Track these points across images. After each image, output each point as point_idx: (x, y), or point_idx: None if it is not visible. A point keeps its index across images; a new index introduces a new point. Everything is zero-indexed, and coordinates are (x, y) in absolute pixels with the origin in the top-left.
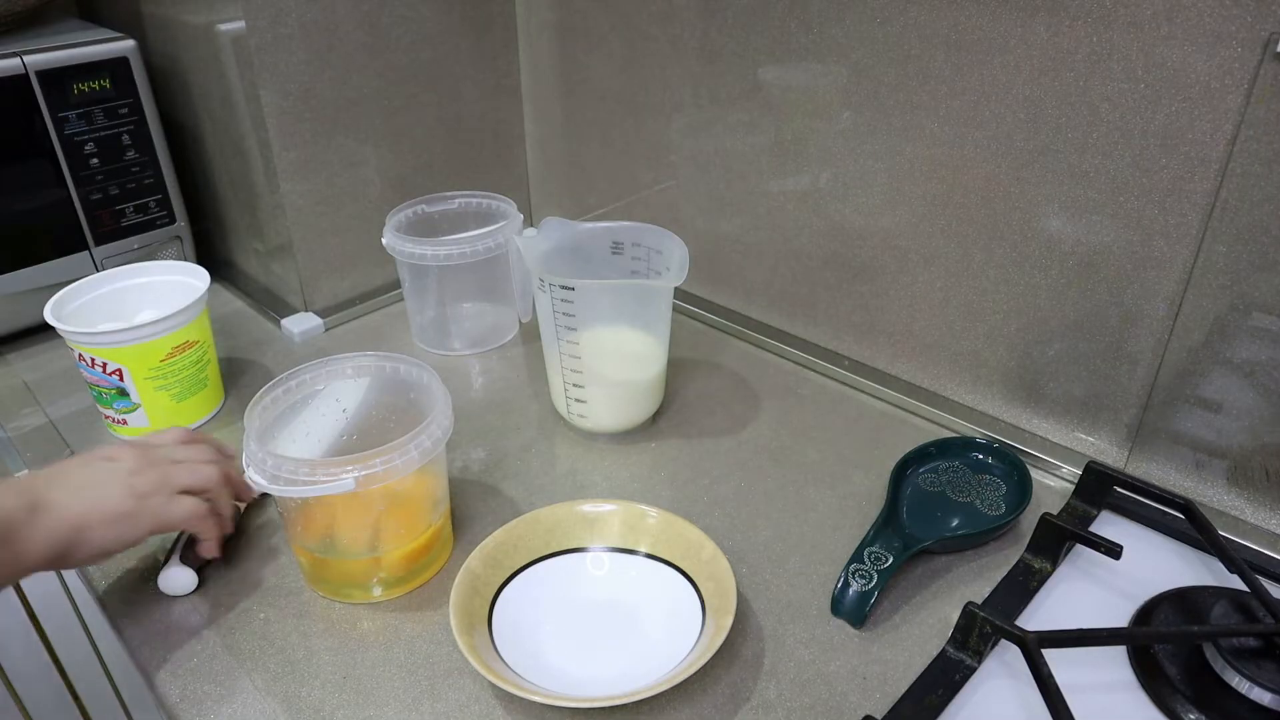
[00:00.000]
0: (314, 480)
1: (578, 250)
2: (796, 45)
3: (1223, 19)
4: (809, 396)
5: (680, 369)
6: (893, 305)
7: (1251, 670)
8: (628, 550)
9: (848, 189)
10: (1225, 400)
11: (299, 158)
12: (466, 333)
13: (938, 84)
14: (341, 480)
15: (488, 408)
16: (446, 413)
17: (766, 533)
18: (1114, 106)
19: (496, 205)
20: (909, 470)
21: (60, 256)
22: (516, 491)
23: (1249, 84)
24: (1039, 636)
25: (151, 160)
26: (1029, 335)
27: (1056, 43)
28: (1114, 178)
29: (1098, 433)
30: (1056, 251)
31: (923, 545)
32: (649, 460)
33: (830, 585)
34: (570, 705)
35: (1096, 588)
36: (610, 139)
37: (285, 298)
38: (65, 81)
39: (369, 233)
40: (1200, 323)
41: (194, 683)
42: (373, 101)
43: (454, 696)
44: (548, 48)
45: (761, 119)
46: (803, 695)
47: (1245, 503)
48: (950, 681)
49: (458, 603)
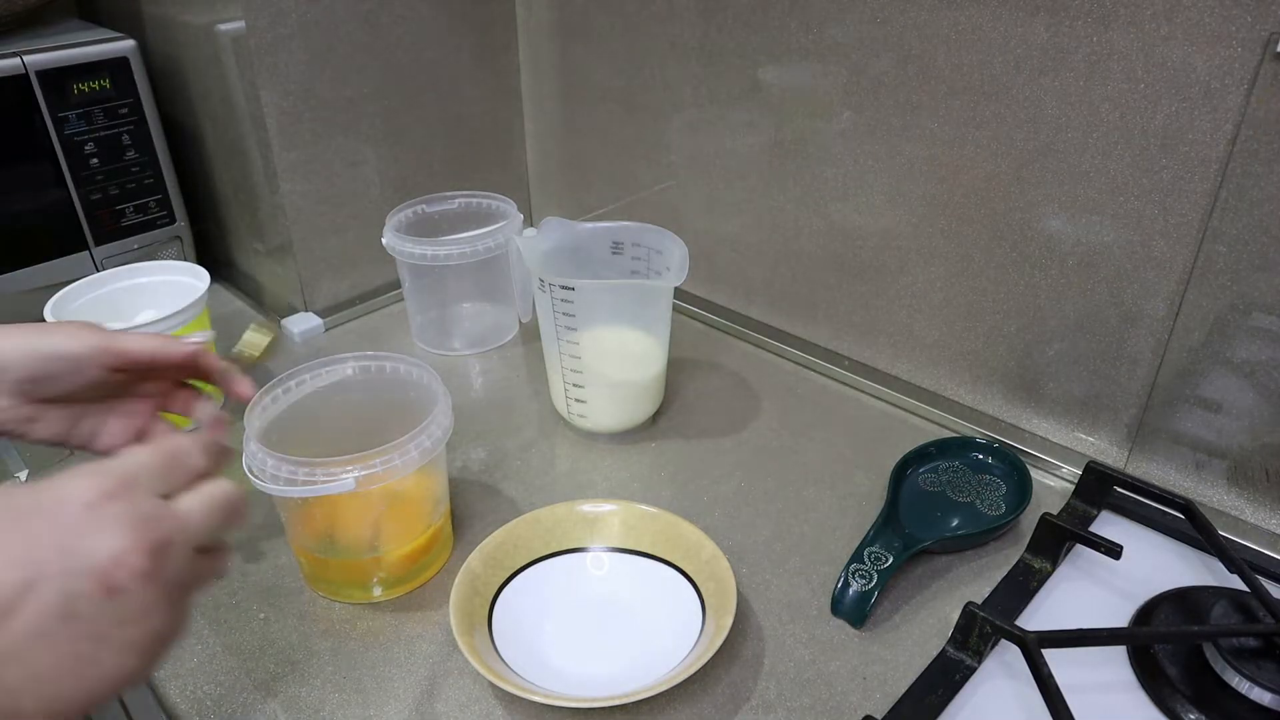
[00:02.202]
0: (314, 480)
1: (578, 250)
2: (796, 45)
3: (1223, 19)
4: (809, 396)
5: (680, 369)
6: (893, 305)
7: (1251, 670)
8: (628, 550)
9: (848, 189)
10: (1225, 400)
11: (299, 158)
12: (466, 333)
13: (938, 84)
14: (341, 480)
15: (488, 408)
16: (446, 412)
17: (766, 533)
18: (1114, 106)
19: (496, 205)
20: (909, 470)
21: (60, 256)
22: (516, 491)
23: (1249, 84)
24: (1039, 636)
25: (151, 160)
26: (1029, 335)
27: (1056, 43)
28: (1114, 178)
29: (1098, 433)
30: (1056, 251)
31: (923, 545)
32: (649, 460)
33: (830, 585)
34: (570, 705)
35: (1096, 588)
36: (610, 139)
37: (285, 298)
38: (65, 81)
39: (369, 233)
40: (1200, 323)
41: (194, 683)
42: (373, 101)
43: (454, 696)
44: (548, 48)
45: (761, 119)
46: (803, 695)
47: (1245, 503)
48: (950, 681)
49: (458, 603)
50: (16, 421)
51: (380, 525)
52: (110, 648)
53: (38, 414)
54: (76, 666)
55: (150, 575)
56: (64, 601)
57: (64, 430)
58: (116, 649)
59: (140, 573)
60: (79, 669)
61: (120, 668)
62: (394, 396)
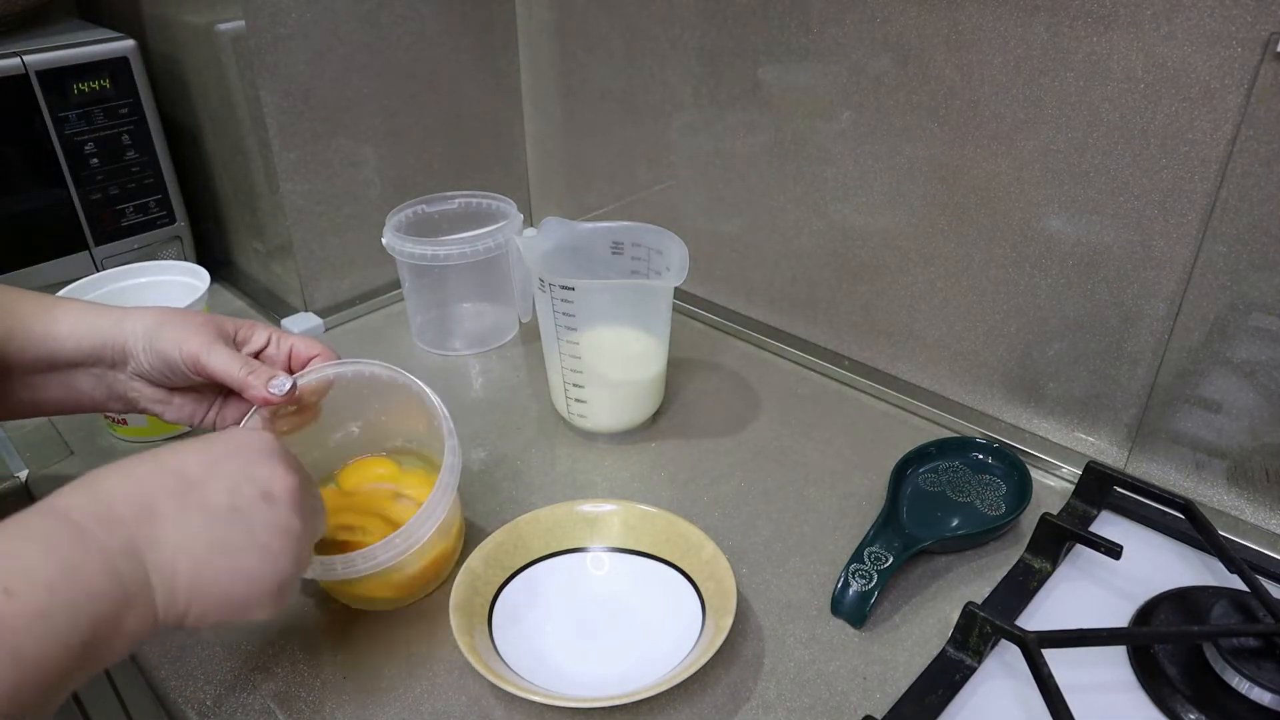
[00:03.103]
0: (353, 564)
1: (578, 250)
2: (796, 45)
3: (1223, 19)
4: (809, 396)
5: (680, 369)
6: (893, 305)
7: (1251, 670)
8: (628, 550)
9: (848, 189)
10: (1225, 400)
11: (299, 158)
12: (466, 333)
13: (938, 84)
14: (381, 558)
15: (488, 408)
16: (455, 450)
17: (766, 533)
18: (1114, 106)
19: (496, 205)
20: (909, 470)
21: (60, 256)
22: (516, 491)
23: (1249, 84)
24: (1039, 636)
25: (151, 160)
26: (1029, 335)
27: (1056, 43)
28: (1114, 178)
29: (1098, 433)
30: (1056, 251)
31: (923, 545)
32: (649, 460)
33: (830, 585)
34: (570, 705)
35: (1096, 588)
36: (610, 139)
37: (285, 298)
38: (65, 81)
39: (369, 233)
40: (1200, 323)
41: (194, 683)
42: (373, 101)
43: (454, 696)
44: (548, 48)
45: (761, 119)
46: (803, 695)
47: (1245, 503)
48: (950, 681)
49: (458, 603)
50: (152, 402)
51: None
52: (255, 546)
53: (168, 398)
54: (227, 554)
55: (294, 497)
56: (232, 495)
57: (190, 415)
58: (259, 550)
59: (289, 490)
60: (229, 558)
61: (256, 569)
62: (385, 400)
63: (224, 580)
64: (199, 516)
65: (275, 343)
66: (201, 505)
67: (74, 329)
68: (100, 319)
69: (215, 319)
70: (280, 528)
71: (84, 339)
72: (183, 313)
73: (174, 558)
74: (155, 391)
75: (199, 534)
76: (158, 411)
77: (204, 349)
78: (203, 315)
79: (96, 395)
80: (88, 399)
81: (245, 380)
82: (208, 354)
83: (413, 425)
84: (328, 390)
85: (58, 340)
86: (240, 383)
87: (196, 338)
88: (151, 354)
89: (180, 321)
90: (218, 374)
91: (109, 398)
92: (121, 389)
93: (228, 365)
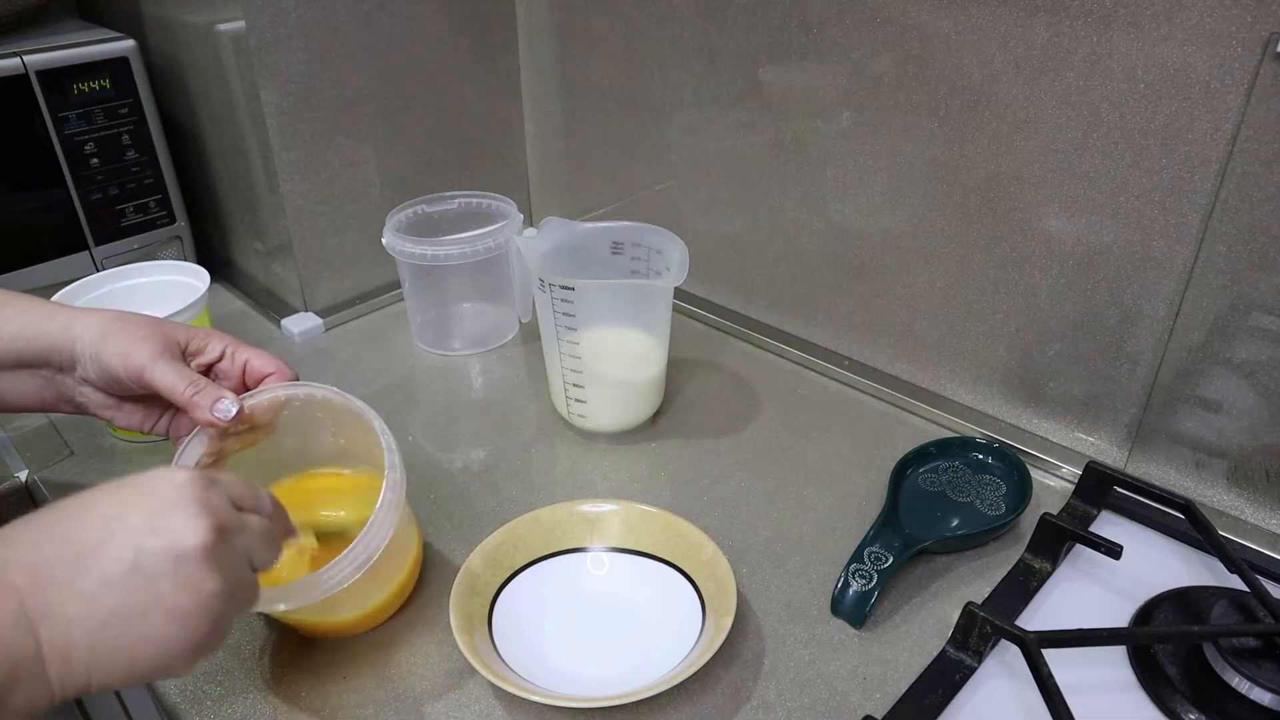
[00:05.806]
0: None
1: (578, 250)
2: (796, 45)
3: (1223, 19)
4: (809, 396)
5: (680, 369)
6: (893, 305)
7: (1251, 670)
8: (628, 550)
9: (848, 189)
10: (1225, 400)
11: (299, 158)
12: (466, 333)
13: (938, 84)
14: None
15: (488, 408)
16: (393, 498)
17: (766, 533)
18: (1114, 106)
19: (496, 205)
20: (909, 470)
21: (60, 256)
22: (516, 491)
23: (1249, 84)
24: (1039, 636)
25: (151, 160)
26: (1029, 335)
27: (1056, 43)
28: (1114, 178)
29: (1098, 433)
30: (1056, 251)
31: (923, 545)
32: (649, 460)
33: (830, 585)
34: (570, 705)
35: (1096, 588)
36: (610, 139)
37: (285, 298)
38: (65, 81)
39: (369, 233)
40: (1200, 323)
41: (194, 683)
42: (373, 101)
43: (454, 696)
44: (548, 48)
45: (761, 119)
46: (803, 695)
47: (1245, 503)
48: (950, 681)
49: (458, 603)
50: (101, 408)
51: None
52: (161, 609)
53: (118, 405)
54: (129, 621)
55: (209, 552)
56: (136, 555)
57: (140, 422)
58: (165, 612)
59: (202, 545)
60: (130, 625)
61: (163, 634)
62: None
63: (125, 647)
64: (96, 582)
65: (230, 356)
66: (100, 570)
67: (22, 330)
68: (49, 322)
69: (165, 327)
70: (191, 586)
71: (32, 341)
72: (131, 320)
73: (67, 630)
74: (104, 398)
75: (96, 601)
76: (108, 417)
77: (149, 363)
78: (151, 323)
79: (46, 396)
80: (36, 399)
81: (190, 400)
82: (152, 369)
83: (371, 449)
84: (282, 408)
85: (3, 341)
86: (185, 402)
87: (142, 350)
88: (96, 364)
89: (126, 331)
90: (162, 391)
91: (58, 400)
92: (70, 393)
93: (174, 383)
